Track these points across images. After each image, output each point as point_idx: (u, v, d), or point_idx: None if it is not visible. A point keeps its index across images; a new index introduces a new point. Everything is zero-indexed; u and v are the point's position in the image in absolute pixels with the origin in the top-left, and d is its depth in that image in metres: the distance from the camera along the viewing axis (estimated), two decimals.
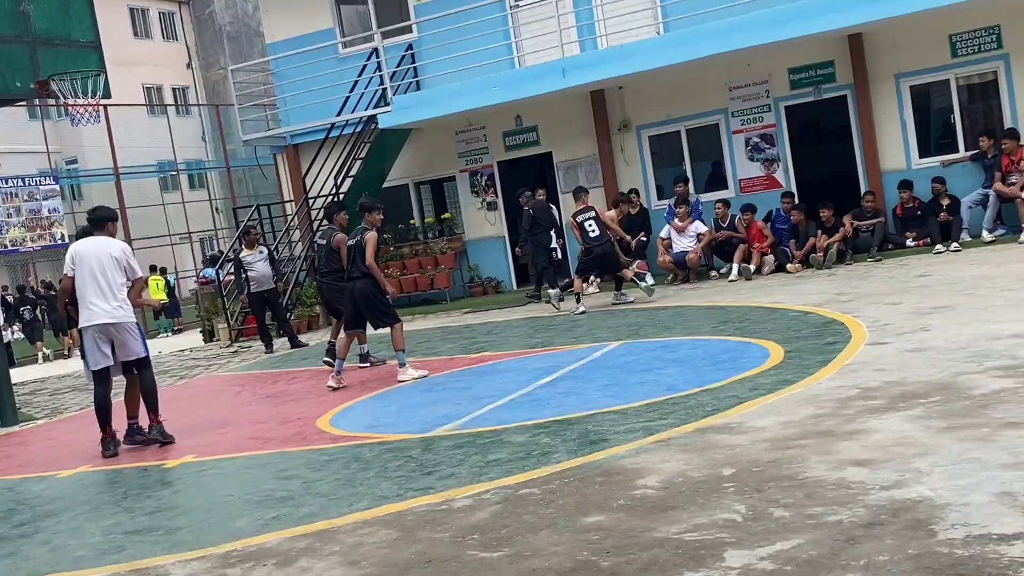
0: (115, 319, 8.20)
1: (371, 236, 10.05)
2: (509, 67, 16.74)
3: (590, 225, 13.40)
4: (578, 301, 13.36)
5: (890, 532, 3.90)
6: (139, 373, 8.48)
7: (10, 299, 25.77)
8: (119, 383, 8.75)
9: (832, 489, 4.52)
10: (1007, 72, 14.46)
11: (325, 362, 11.75)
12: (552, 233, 15.50)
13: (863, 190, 15.16)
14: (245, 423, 9.06)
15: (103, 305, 8.18)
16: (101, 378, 8.41)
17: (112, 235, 8.53)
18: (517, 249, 15.91)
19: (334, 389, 10.04)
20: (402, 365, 9.86)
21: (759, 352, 8.34)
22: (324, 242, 11.68)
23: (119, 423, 8.66)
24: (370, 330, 10.75)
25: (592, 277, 15.81)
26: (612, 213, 14.46)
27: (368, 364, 11.47)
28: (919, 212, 14.50)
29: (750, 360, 8.05)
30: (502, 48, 16.80)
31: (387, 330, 10.33)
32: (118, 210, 27.83)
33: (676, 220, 15.43)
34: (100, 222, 8.54)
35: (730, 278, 14.45)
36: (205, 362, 15.15)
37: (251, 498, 6.18)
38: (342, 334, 10.74)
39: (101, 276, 8.20)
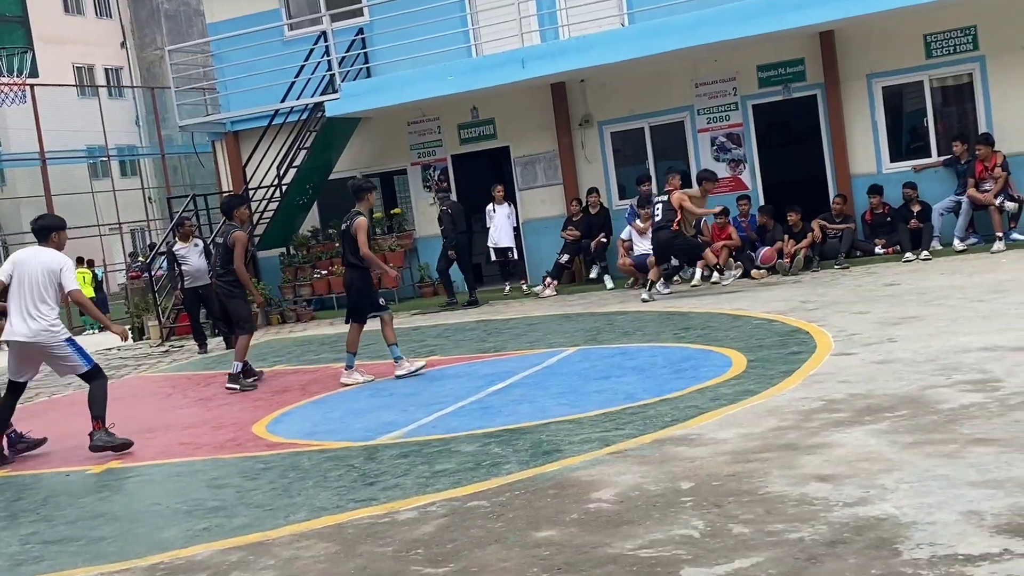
0: (34, 339, 7.92)
1: (360, 222, 9.70)
2: (466, 55, 16.73)
3: (656, 210, 13.53)
4: (649, 288, 13.32)
5: (853, 551, 3.95)
6: (89, 383, 8.20)
7: None
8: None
9: (794, 505, 4.57)
10: (983, 75, 14.73)
11: (228, 388, 10.58)
12: (501, 235, 15.62)
13: (832, 194, 15.35)
14: (175, 427, 8.97)
15: (21, 326, 7.89)
16: (12, 388, 8.21)
17: (59, 247, 8.15)
18: (450, 252, 15.84)
19: (346, 385, 9.80)
20: (398, 359, 9.81)
21: (721, 361, 8.41)
22: (222, 240, 10.87)
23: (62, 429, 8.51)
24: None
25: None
26: (686, 193, 13.30)
27: (241, 385, 10.53)
28: (889, 218, 14.72)
29: (711, 369, 8.11)
30: (459, 35, 16.79)
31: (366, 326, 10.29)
32: (44, 197, 27.48)
33: (638, 221, 15.50)
34: (43, 232, 8.19)
35: (692, 283, 14.53)
36: (134, 362, 14.96)
37: (180, 507, 6.12)
38: (351, 329, 10.04)
39: (29, 292, 7.91)
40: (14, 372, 8.17)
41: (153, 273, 18.16)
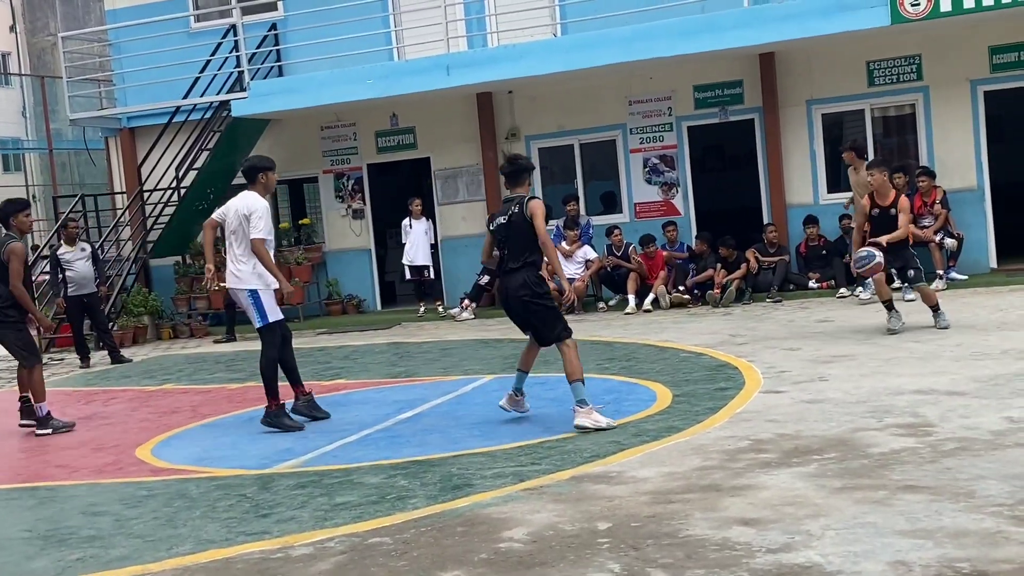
0: (229, 285, 8.87)
1: (538, 207, 7.61)
2: (387, 59, 16.71)
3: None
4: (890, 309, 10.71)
5: None
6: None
7: None
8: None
9: (715, 550, 4.61)
10: (926, 105, 15.17)
11: (40, 435, 9.37)
12: None
13: (766, 222, 15.62)
14: (50, 448, 8.75)
15: (228, 267, 8.79)
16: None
17: (263, 190, 8.66)
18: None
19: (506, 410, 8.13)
20: (581, 403, 7.34)
21: (645, 394, 8.49)
22: None
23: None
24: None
25: (470, 302, 15.87)
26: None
27: (53, 427, 9.44)
28: (824, 251, 15.03)
29: (635, 403, 8.18)
30: (380, 37, 16.76)
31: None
32: None
33: (564, 243, 15.60)
34: (251, 173, 8.74)
35: (627, 310, 14.67)
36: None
37: (52, 536, 5.96)
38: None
39: (230, 236, 8.70)
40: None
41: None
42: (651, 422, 7.44)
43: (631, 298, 14.87)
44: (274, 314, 8.68)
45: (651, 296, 14.80)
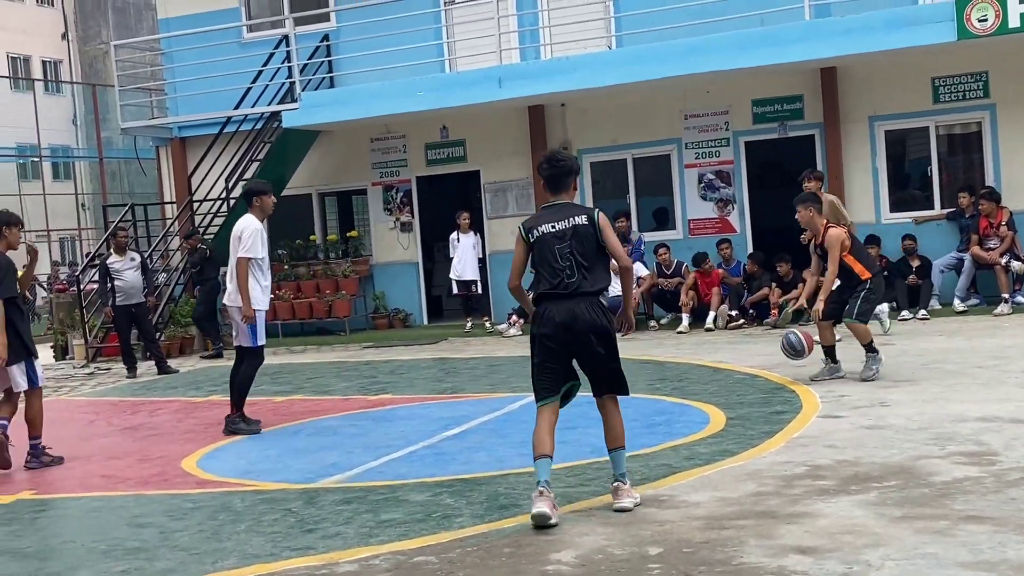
0: (226, 302, 9.35)
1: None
2: (438, 70, 16.80)
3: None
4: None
5: None
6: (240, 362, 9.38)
7: None
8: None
9: None
10: (992, 124, 14.98)
11: (29, 468, 8.67)
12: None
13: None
14: (97, 458, 8.85)
15: (228, 285, 9.29)
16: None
17: (260, 212, 9.15)
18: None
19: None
20: (625, 477, 6.09)
21: (698, 417, 8.43)
22: None
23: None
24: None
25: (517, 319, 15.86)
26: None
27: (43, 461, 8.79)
28: (886, 272, 14.85)
29: (687, 425, 8.13)
30: (432, 48, 16.87)
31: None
32: None
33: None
34: (246, 196, 9.19)
35: (679, 328, 14.59)
36: (54, 383, 14.76)
37: (97, 547, 6.03)
38: None
39: (231, 255, 9.18)
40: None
41: (82, 287, 17.99)
42: (704, 445, 7.39)
43: (684, 317, 14.79)
44: (263, 338, 9.41)
45: (711, 315, 14.69)
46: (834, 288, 9.64)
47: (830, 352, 9.72)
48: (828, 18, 14.69)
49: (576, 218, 6.15)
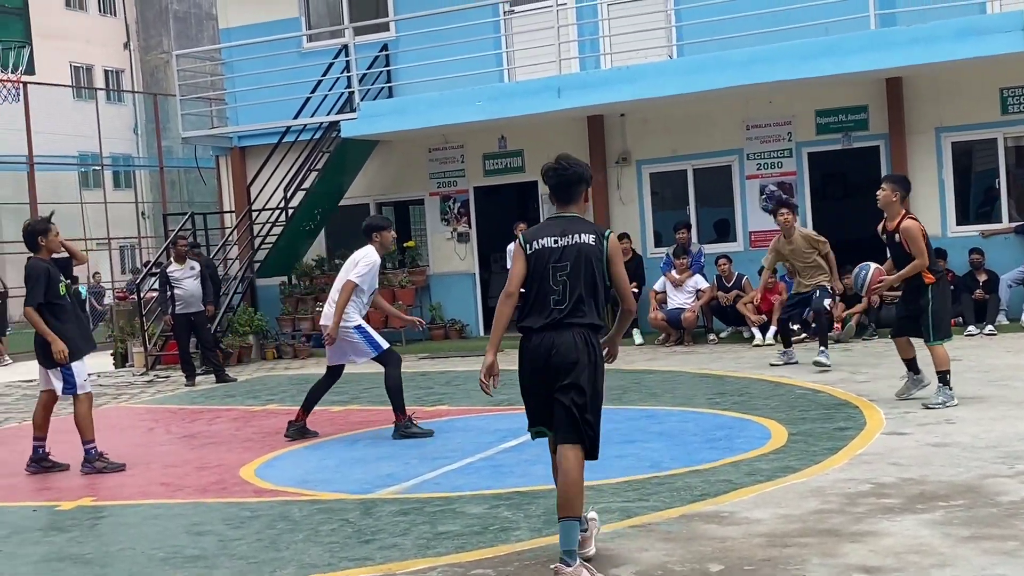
0: (325, 323, 9.66)
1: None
2: (497, 80, 16.87)
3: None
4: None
5: None
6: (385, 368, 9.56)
7: None
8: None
9: None
10: None
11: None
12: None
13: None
14: (156, 465, 8.97)
15: (327, 309, 9.65)
16: (329, 371, 9.80)
17: (380, 248, 9.36)
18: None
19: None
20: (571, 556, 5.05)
21: (759, 432, 8.38)
22: None
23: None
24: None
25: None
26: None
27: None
28: (952, 287, 14.65)
29: (748, 440, 8.08)
30: (491, 58, 16.95)
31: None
32: (28, 205, 27.74)
33: (673, 272, 15.52)
34: (365, 232, 9.41)
35: (755, 342, 14.46)
36: (114, 390, 15.00)
37: (156, 554, 6.11)
38: None
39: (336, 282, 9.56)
40: (329, 357, 9.71)
41: (143, 295, 18.26)
42: (765, 461, 7.33)
43: (756, 331, 14.66)
44: (384, 341, 9.63)
45: (772, 329, 14.57)
46: (888, 302, 9.45)
47: (911, 364, 9.31)
48: (894, 27, 14.55)
49: (582, 236, 5.32)
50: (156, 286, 16.89)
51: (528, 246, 5.39)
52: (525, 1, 17.10)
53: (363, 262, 9.30)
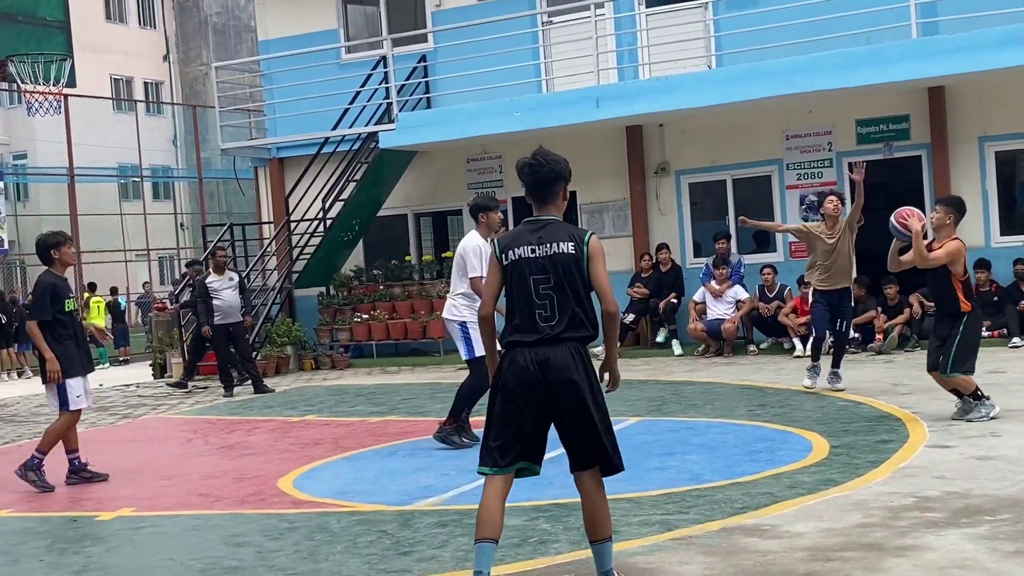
0: (444, 314, 9.52)
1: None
2: (535, 91, 16.90)
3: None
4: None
5: None
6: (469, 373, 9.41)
7: None
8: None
9: None
10: None
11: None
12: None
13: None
14: (194, 476, 9.03)
15: (448, 300, 9.49)
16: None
17: (486, 229, 9.20)
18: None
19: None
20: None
21: (800, 444, 8.32)
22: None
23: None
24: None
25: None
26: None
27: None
28: (996, 297, 14.51)
29: (789, 453, 8.03)
30: (529, 69, 16.98)
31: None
32: (69, 216, 28.08)
33: (713, 282, 15.47)
34: (472, 212, 9.41)
35: (796, 353, 14.36)
36: (153, 401, 15.13)
37: (194, 565, 6.15)
38: None
39: (454, 270, 9.40)
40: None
41: (181, 305, 18.40)
42: (807, 474, 7.28)
43: (797, 342, 14.56)
44: (480, 349, 9.15)
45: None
46: (930, 313, 9.22)
47: (956, 392, 8.93)
48: (936, 36, 14.44)
49: (560, 244, 4.98)
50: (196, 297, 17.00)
51: (504, 256, 5.05)
52: (564, 12, 17.13)
53: (474, 255, 9.08)
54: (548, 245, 4.97)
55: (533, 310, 4.96)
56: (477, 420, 9.71)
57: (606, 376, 5.15)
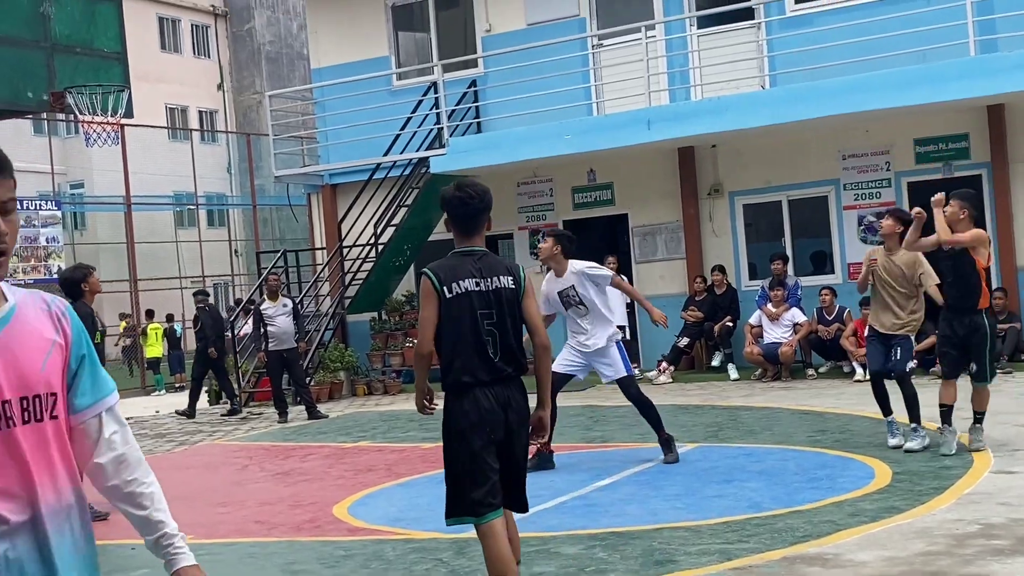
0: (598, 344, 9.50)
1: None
2: (586, 113, 16.90)
3: None
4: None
5: None
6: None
7: None
8: None
9: None
10: None
11: None
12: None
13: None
14: (250, 503, 9.08)
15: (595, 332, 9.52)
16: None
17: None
18: (210, 350, 16.25)
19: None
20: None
21: (862, 471, 8.20)
22: None
23: None
24: None
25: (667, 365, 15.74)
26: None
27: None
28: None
29: (851, 480, 7.92)
30: (579, 92, 16.99)
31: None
32: (126, 245, 28.47)
33: (769, 305, 15.33)
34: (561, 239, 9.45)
35: (856, 377, 14.17)
36: (209, 427, 15.25)
37: None
38: None
39: (576, 307, 9.50)
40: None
41: (238, 332, 18.58)
42: (869, 501, 7.17)
43: (857, 366, 14.37)
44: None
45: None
46: (943, 305, 8.62)
47: (946, 414, 8.56)
48: (995, 53, 14.26)
49: (502, 278, 5.00)
50: (251, 323, 17.17)
51: (446, 289, 4.95)
52: (614, 34, 17.14)
53: (593, 268, 9.44)
54: (490, 279, 4.97)
55: (483, 347, 4.90)
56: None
57: (533, 428, 5.14)
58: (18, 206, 2.51)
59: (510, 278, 5.00)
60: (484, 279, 4.96)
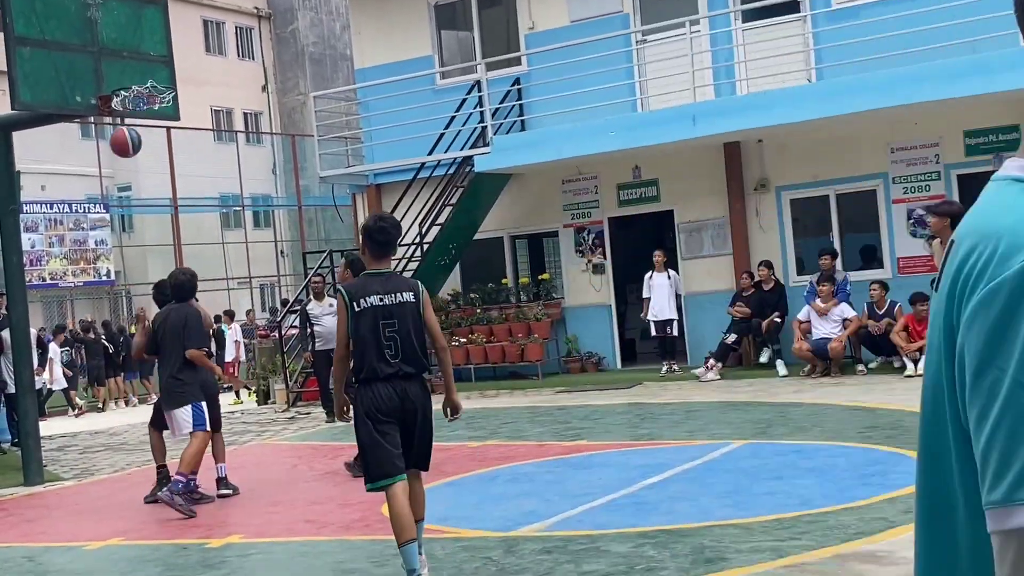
0: None
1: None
2: (630, 110, 16.85)
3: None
4: None
5: None
6: None
7: (51, 340, 26.46)
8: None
9: None
10: None
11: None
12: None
13: None
14: (300, 502, 9.14)
15: None
16: None
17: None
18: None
19: None
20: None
21: (914, 467, 8.09)
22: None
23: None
24: None
25: (715, 361, 15.67)
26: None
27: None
28: None
29: (903, 476, 7.82)
30: (623, 88, 16.94)
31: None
32: (173, 247, 28.80)
33: (818, 300, 15.20)
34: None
35: (907, 373, 14.03)
36: (257, 427, 15.38)
37: None
38: None
39: None
40: None
41: (283, 332, 18.72)
42: None
43: (908, 361, 14.23)
44: None
45: (924, 359, 14.11)
46: None
47: None
48: None
49: (404, 293, 6.10)
50: (296, 323, 17.29)
51: (355, 304, 6.02)
52: (658, 30, 17.08)
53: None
54: (393, 295, 6.07)
55: (382, 350, 5.98)
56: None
57: (448, 410, 6.38)
58: (67, 209, 2.54)
59: (411, 293, 6.13)
60: (388, 295, 6.05)
